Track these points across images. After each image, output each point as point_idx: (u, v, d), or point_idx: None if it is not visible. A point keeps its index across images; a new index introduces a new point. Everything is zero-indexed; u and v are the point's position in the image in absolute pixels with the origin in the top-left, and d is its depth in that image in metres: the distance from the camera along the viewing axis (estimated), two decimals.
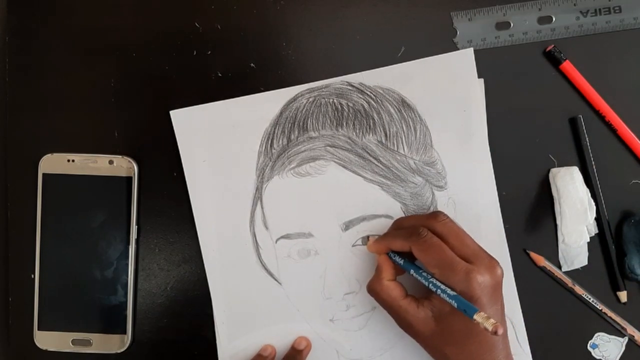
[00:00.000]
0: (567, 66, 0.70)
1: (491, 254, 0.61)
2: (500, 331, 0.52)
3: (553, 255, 0.71)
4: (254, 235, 0.71)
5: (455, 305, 0.57)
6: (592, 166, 0.70)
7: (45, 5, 0.73)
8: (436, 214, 0.63)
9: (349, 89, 0.70)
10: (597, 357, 0.71)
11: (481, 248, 0.61)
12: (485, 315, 0.54)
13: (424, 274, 0.61)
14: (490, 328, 0.53)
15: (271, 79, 0.71)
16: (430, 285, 0.59)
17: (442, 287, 0.58)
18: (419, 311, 0.61)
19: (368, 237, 0.69)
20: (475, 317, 0.54)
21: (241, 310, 0.71)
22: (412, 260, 0.63)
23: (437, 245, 0.60)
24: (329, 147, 0.69)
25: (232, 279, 0.71)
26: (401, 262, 0.63)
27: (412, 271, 0.62)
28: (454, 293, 0.57)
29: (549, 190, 0.70)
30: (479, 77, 0.69)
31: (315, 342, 0.71)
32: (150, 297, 0.73)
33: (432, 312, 0.60)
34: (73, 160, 0.72)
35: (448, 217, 0.63)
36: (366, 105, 0.69)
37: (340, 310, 0.70)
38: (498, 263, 0.60)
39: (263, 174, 0.70)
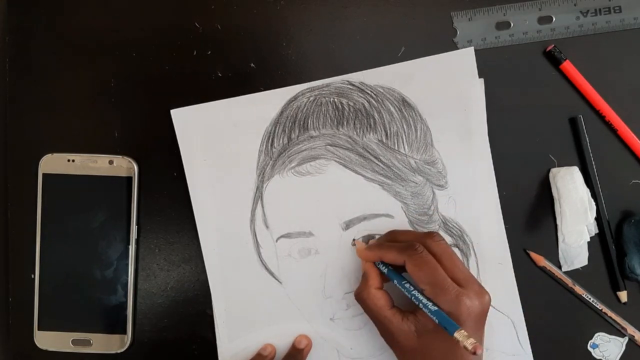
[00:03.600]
0: (567, 66, 0.70)
1: (479, 278, 0.62)
2: (479, 351, 0.52)
3: (553, 255, 0.71)
4: (255, 234, 0.71)
5: (437, 320, 0.57)
6: (592, 166, 0.70)
7: (45, 5, 0.73)
8: (432, 234, 0.63)
9: (350, 88, 0.70)
10: (597, 357, 0.71)
11: (472, 274, 0.61)
12: (466, 334, 0.54)
13: (407, 285, 0.61)
14: (469, 347, 0.53)
15: (271, 79, 0.71)
16: (413, 298, 0.60)
17: (425, 301, 0.58)
18: (403, 324, 0.60)
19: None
20: (455, 334, 0.54)
21: (241, 309, 0.71)
22: (398, 272, 0.63)
23: (432, 263, 0.60)
24: (329, 146, 0.69)
25: (233, 278, 0.71)
26: (385, 270, 0.63)
27: (396, 281, 0.62)
28: (436, 308, 0.57)
29: (549, 190, 0.70)
30: (479, 76, 0.69)
31: (315, 342, 0.71)
32: (150, 297, 0.73)
33: (416, 327, 0.60)
34: (73, 160, 0.72)
35: (443, 238, 0.63)
36: (367, 105, 0.70)
37: (341, 310, 0.70)
38: (487, 292, 0.60)
39: (263, 173, 0.70)
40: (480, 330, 0.60)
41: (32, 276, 0.72)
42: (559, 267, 0.70)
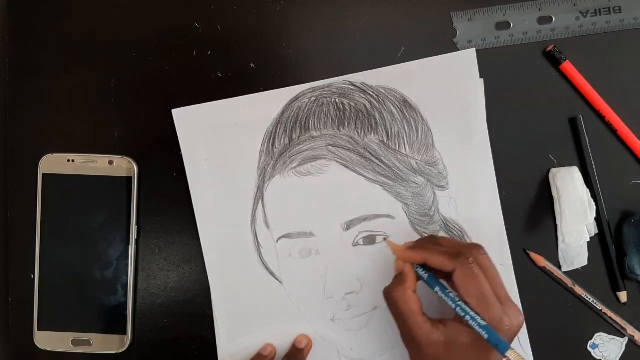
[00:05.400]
0: (567, 66, 0.70)
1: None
2: None
3: (553, 255, 0.71)
4: (255, 235, 0.71)
5: (486, 336, 0.54)
6: (592, 166, 0.70)
7: (45, 5, 0.73)
8: (478, 246, 0.60)
9: (351, 89, 0.70)
10: (597, 357, 0.71)
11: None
12: (518, 354, 0.53)
13: (451, 295, 0.58)
14: None
15: (271, 79, 0.71)
16: (459, 309, 0.57)
17: (472, 313, 0.56)
18: (433, 332, 0.57)
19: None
20: (507, 353, 0.53)
21: (242, 309, 0.71)
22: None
23: (482, 276, 0.57)
24: (330, 147, 0.69)
25: (233, 278, 0.71)
26: (425, 276, 0.61)
27: (438, 289, 0.59)
28: (485, 323, 0.55)
29: (549, 190, 0.70)
30: (479, 77, 0.69)
31: (316, 342, 0.70)
32: (150, 297, 0.73)
33: (445, 338, 0.57)
34: (73, 160, 0.72)
35: (487, 252, 0.60)
36: (368, 105, 0.70)
37: (341, 310, 0.70)
38: (522, 312, 0.58)
39: (265, 173, 0.70)
40: None
41: (32, 276, 0.72)
42: (559, 267, 0.70)
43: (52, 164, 0.72)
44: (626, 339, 0.71)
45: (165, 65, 0.72)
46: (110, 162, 0.71)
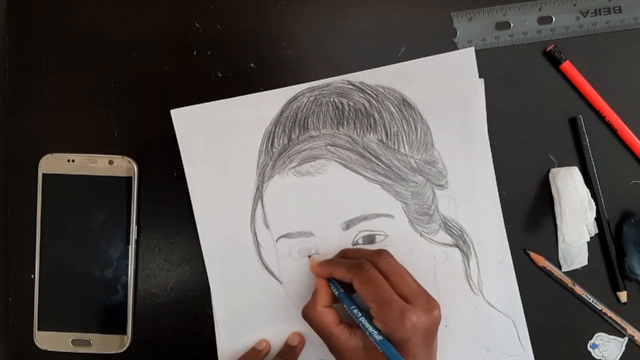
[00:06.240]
0: (567, 66, 0.70)
1: (432, 296, 0.61)
2: None
3: (553, 255, 0.71)
4: (255, 235, 0.70)
5: (381, 350, 0.57)
6: (592, 166, 0.70)
7: (45, 5, 0.73)
8: (380, 251, 0.63)
9: (350, 88, 0.70)
10: (597, 357, 0.71)
11: (422, 288, 0.62)
12: None
13: (355, 311, 0.61)
14: None
15: (271, 79, 0.71)
16: (360, 324, 0.60)
17: (371, 329, 0.59)
18: (350, 339, 0.61)
19: (369, 238, 0.69)
20: None
21: (242, 309, 0.71)
22: (351, 294, 0.64)
23: (377, 280, 0.60)
24: (329, 146, 0.69)
25: (233, 278, 0.71)
26: (336, 292, 0.64)
27: (345, 305, 0.63)
28: (381, 338, 0.58)
29: (549, 190, 0.70)
30: (479, 77, 0.69)
31: (315, 342, 0.70)
32: (150, 297, 0.73)
33: (363, 342, 0.61)
34: (73, 160, 0.72)
35: (392, 256, 0.63)
36: (367, 104, 0.70)
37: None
38: (438, 306, 0.60)
39: (264, 173, 0.70)
40: (429, 346, 0.60)
41: (32, 276, 0.72)
42: (559, 267, 0.70)
43: (52, 164, 0.72)
44: (626, 339, 0.70)
45: (165, 65, 0.72)
46: (110, 162, 0.71)
